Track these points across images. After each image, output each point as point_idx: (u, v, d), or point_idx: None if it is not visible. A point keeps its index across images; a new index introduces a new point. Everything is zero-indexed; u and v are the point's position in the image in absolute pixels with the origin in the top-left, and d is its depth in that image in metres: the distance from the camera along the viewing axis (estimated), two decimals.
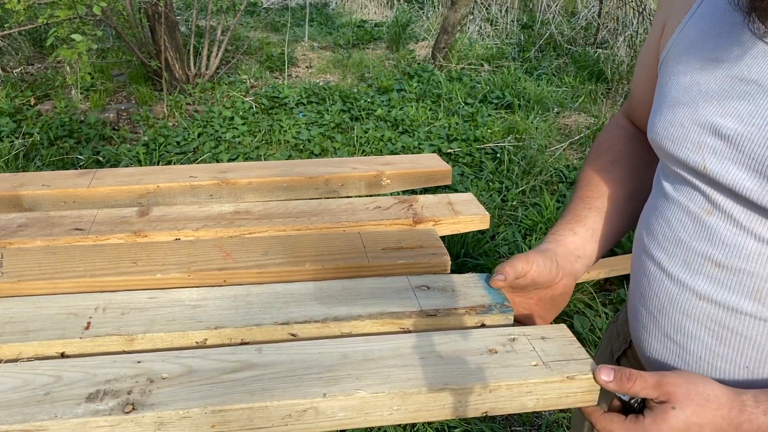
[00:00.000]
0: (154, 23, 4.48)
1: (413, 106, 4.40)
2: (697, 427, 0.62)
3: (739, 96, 0.66)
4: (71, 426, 0.59)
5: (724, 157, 0.66)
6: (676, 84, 0.73)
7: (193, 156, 3.69)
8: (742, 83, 0.66)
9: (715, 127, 0.67)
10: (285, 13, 7.45)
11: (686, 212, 0.72)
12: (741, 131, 0.65)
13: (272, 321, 0.75)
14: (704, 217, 0.70)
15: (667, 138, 0.73)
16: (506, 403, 0.67)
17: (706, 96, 0.69)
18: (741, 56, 0.66)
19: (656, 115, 0.76)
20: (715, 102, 0.68)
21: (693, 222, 0.71)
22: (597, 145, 0.95)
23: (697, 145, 0.69)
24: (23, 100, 4.33)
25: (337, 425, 0.64)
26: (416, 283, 0.85)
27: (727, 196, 0.68)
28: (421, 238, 0.96)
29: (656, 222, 0.77)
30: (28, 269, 0.86)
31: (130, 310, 0.77)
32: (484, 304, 0.79)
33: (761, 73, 0.64)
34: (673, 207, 0.74)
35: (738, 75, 0.66)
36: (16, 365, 0.67)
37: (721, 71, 0.68)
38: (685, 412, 0.62)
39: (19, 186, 1.05)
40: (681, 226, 0.72)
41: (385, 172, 1.13)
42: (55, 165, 3.51)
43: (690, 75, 0.71)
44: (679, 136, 0.71)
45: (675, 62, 0.75)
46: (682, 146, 0.71)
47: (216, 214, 1.01)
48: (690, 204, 0.72)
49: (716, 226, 0.69)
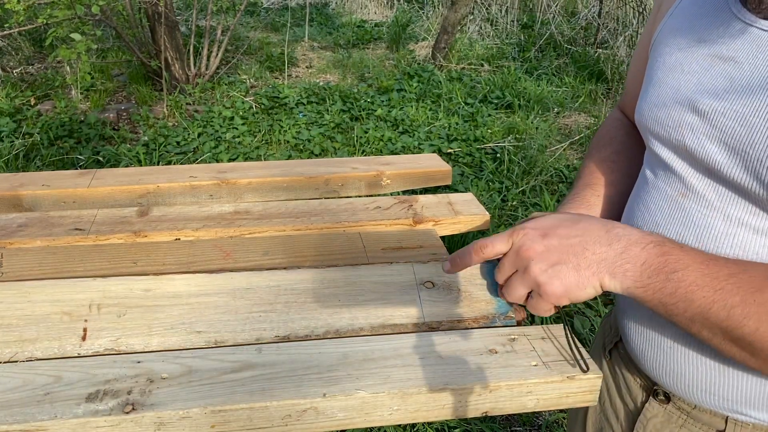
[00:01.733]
0: (154, 23, 4.48)
1: (413, 106, 4.40)
2: (568, 221, 0.66)
3: (718, 73, 0.68)
4: (71, 426, 0.59)
5: (701, 133, 0.69)
6: (662, 65, 0.75)
7: (193, 156, 3.69)
8: (721, 61, 0.68)
9: (694, 104, 0.70)
10: (285, 13, 7.45)
11: (663, 196, 0.74)
12: (716, 106, 0.67)
13: (273, 335, 0.74)
14: (679, 200, 0.72)
15: (652, 118, 0.75)
16: (506, 403, 0.66)
17: (688, 75, 0.72)
18: (721, 35, 0.69)
19: (643, 97, 0.78)
20: (695, 80, 0.70)
21: (669, 205, 0.73)
22: (598, 138, 0.95)
23: (677, 122, 0.72)
24: (23, 100, 4.33)
25: (337, 425, 0.64)
26: (422, 277, 0.83)
27: (701, 175, 0.70)
28: (421, 239, 0.96)
29: (637, 209, 0.79)
30: (28, 269, 0.86)
31: (130, 309, 0.77)
32: (488, 316, 0.77)
33: (738, 51, 0.67)
34: (652, 192, 0.76)
35: (717, 53, 0.69)
36: (16, 365, 0.67)
37: (702, 50, 0.71)
38: (554, 214, 0.67)
39: (19, 186, 1.05)
40: (658, 210, 0.75)
41: (385, 172, 1.13)
42: (55, 165, 3.51)
43: (674, 56, 0.74)
44: (662, 115, 0.74)
45: (663, 45, 0.77)
46: (665, 125, 0.73)
47: (216, 214, 1.01)
48: (667, 188, 0.74)
49: (689, 209, 0.71)
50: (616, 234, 0.64)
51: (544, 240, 0.66)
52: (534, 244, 0.66)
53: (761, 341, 0.58)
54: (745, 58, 0.66)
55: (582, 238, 0.65)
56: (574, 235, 0.65)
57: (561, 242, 0.65)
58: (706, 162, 0.68)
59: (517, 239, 0.67)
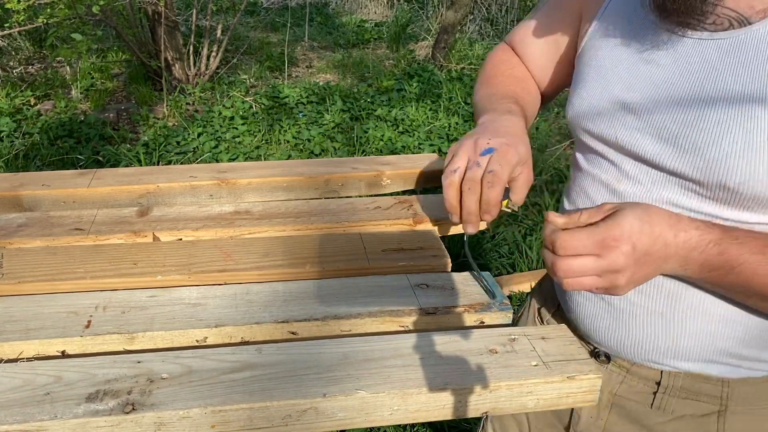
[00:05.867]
0: (154, 23, 4.48)
1: (413, 106, 4.40)
2: (648, 226, 0.66)
3: (643, 75, 0.78)
4: (71, 426, 0.59)
5: (632, 128, 0.78)
6: (594, 67, 0.84)
7: (193, 156, 3.69)
8: (646, 63, 0.78)
9: (624, 103, 0.79)
10: (285, 13, 7.45)
11: (601, 183, 0.83)
12: (644, 104, 0.77)
13: (272, 319, 0.75)
14: (614, 185, 0.81)
15: (586, 116, 0.83)
16: (506, 403, 0.67)
17: (617, 76, 0.80)
18: (645, 41, 0.78)
19: (575, 95, 0.86)
20: (624, 81, 0.79)
21: (607, 190, 0.82)
22: (503, 59, 1.02)
23: (610, 119, 0.80)
24: (23, 100, 4.33)
25: (337, 425, 0.64)
26: (416, 281, 0.85)
27: (635, 162, 0.79)
28: (422, 239, 0.96)
29: (577, 195, 0.87)
30: (28, 270, 0.86)
31: (131, 309, 0.77)
32: (483, 302, 0.80)
33: (660, 55, 0.76)
34: (590, 179, 0.85)
35: (642, 56, 0.78)
36: (17, 365, 0.67)
37: (628, 54, 0.80)
38: (635, 210, 0.66)
39: (19, 186, 1.05)
40: (598, 195, 0.83)
41: (385, 172, 1.13)
42: (55, 165, 3.51)
43: (603, 59, 0.83)
44: (595, 113, 0.82)
45: (594, 49, 0.85)
46: (598, 122, 0.82)
47: (216, 215, 1.01)
48: (602, 174, 0.83)
49: (625, 192, 0.79)
50: (678, 243, 0.67)
51: (637, 269, 0.66)
52: (627, 272, 0.66)
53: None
54: (666, 61, 0.76)
55: (657, 257, 0.67)
56: (654, 260, 0.67)
57: (647, 269, 0.67)
58: (639, 153, 0.77)
59: (611, 258, 0.65)
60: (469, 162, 0.78)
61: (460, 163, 0.78)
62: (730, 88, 0.70)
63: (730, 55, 0.71)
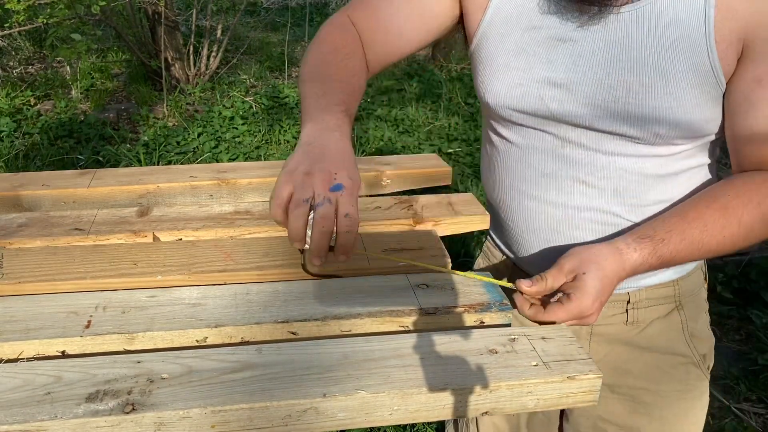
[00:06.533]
0: (153, 23, 4.49)
1: (413, 106, 4.40)
2: (607, 279, 0.78)
3: (562, 52, 0.86)
4: (71, 426, 0.59)
5: (564, 101, 0.87)
6: (505, 52, 0.90)
7: (193, 156, 3.69)
8: (561, 42, 0.86)
9: (551, 80, 0.87)
10: (285, 13, 7.45)
11: (543, 152, 0.92)
12: (570, 78, 0.86)
13: (272, 319, 0.75)
14: (559, 151, 0.91)
15: (510, 97, 0.90)
16: (506, 403, 0.67)
17: (536, 57, 0.88)
18: (557, 21, 0.86)
19: (492, 80, 0.92)
20: (545, 60, 0.87)
21: (552, 157, 0.92)
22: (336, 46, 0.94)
23: (539, 97, 0.88)
24: (23, 100, 4.33)
25: (338, 425, 0.64)
26: (416, 281, 0.85)
27: (573, 128, 0.89)
28: (422, 240, 0.96)
29: (520, 168, 0.96)
30: (28, 270, 0.86)
31: (131, 309, 0.77)
32: (483, 302, 0.80)
33: (574, 32, 0.85)
34: (530, 151, 0.94)
35: (556, 36, 0.86)
36: (17, 365, 0.67)
37: (542, 36, 0.87)
38: (593, 272, 0.78)
39: (19, 186, 1.05)
40: (543, 163, 0.93)
41: (385, 172, 1.13)
42: (55, 165, 3.51)
43: (514, 43, 0.89)
44: (520, 93, 0.89)
45: (498, 34, 0.91)
46: (526, 101, 0.89)
47: (216, 215, 1.01)
48: (543, 144, 0.92)
49: (572, 155, 0.90)
50: (628, 270, 0.81)
51: (602, 306, 0.80)
52: (598, 314, 0.80)
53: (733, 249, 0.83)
54: (580, 37, 0.85)
55: (615, 287, 0.81)
56: (613, 290, 0.81)
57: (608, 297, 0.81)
58: (576, 121, 0.87)
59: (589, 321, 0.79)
60: (319, 197, 0.73)
61: (309, 195, 0.73)
62: (643, 53, 0.82)
63: (635, 24, 0.82)
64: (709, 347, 1.04)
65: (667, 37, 0.81)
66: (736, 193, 0.83)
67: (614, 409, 1.02)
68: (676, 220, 0.83)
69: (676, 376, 1.01)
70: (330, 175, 0.74)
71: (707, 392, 1.05)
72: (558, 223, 0.94)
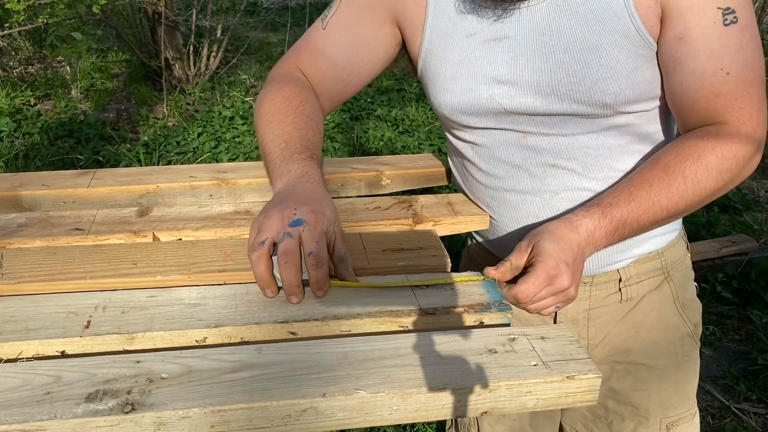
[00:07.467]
0: (154, 23, 4.49)
1: (413, 106, 4.41)
2: (563, 241, 0.82)
3: (500, 50, 0.90)
4: (71, 426, 0.59)
5: (512, 95, 0.90)
6: (449, 64, 0.94)
7: (193, 156, 3.69)
8: (497, 41, 0.90)
9: (496, 78, 0.91)
10: (285, 13, 7.45)
11: (508, 146, 0.96)
12: (513, 72, 0.90)
13: (272, 319, 0.75)
14: (523, 142, 0.95)
15: (464, 103, 0.94)
16: (506, 403, 0.67)
17: (477, 61, 0.91)
18: (488, 23, 0.90)
19: (443, 93, 0.96)
20: (486, 62, 0.91)
21: (518, 148, 0.96)
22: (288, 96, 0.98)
23: (489, 97, 0.92)
24: (23, 100, 4.33)
25: (337, 425, 0.64)
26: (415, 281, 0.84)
27: (528, 119, 0.92)
28: (421, 240, 0.96)
29: (491, 166, 0.99)
30: (28, 270, 0.86)
31: (130, 309, 0.77)
32: (483, 303, 0.80)
33: (504, 29, 0.89)
34: (496, 148, 0.97)
35: (492, 37, 0.90)
36: (16, 365, 0.67)
37: (479, 40, 0.91)
38: (546, 237, 0.82)
39: (19, 186, 1.05)
40: (512, 156, 0.96)
41: (384, 172, 1.13)
42: (54, 165, 3.52)
43: (456, 53, 0.93)
44: (472, 98, 0.93)
45: (440, 49, 0.95)
46: (478, 104, 0.93)
47: (216, 214, 1.01)
48: (506, 139, 0.96)
49: (535, 143, 0.94)
50: (583, 236, 0.84)
51: (575, 275, 0.83)
52: (573, 283, 0.82)
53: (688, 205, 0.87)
54: (512, 32, 0.88)
55: (578, 255, 0.83)
56: (579, 259, 0.84)
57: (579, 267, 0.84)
58: (528, 110, 0.91)
59: (559, 282, 0.81)
60: (279, 234, 0.75)
61: (267, 235, 0.75)
62: (571, 33, 0.85)
63: (559, 8, 0.86)
64: (699, 316, 1.09)
65: (591, 12, 0.84)
66: (676, 153, 0.86)
67: (615, 386, 1.06)
68: (623, 185, 0.87)
69: (672, 350, 1.05)
70: (290, 211, 0.77)
71: (698, 358, 1.11)
72: (538, 209, 0.97)
